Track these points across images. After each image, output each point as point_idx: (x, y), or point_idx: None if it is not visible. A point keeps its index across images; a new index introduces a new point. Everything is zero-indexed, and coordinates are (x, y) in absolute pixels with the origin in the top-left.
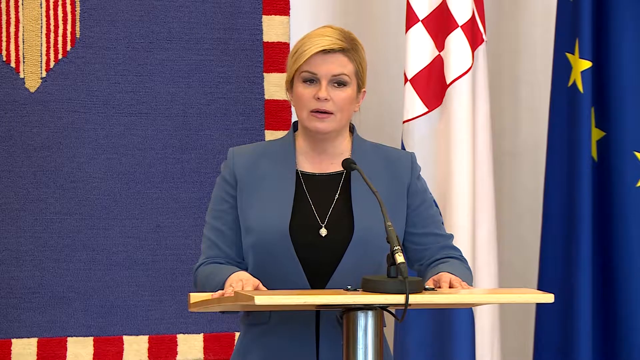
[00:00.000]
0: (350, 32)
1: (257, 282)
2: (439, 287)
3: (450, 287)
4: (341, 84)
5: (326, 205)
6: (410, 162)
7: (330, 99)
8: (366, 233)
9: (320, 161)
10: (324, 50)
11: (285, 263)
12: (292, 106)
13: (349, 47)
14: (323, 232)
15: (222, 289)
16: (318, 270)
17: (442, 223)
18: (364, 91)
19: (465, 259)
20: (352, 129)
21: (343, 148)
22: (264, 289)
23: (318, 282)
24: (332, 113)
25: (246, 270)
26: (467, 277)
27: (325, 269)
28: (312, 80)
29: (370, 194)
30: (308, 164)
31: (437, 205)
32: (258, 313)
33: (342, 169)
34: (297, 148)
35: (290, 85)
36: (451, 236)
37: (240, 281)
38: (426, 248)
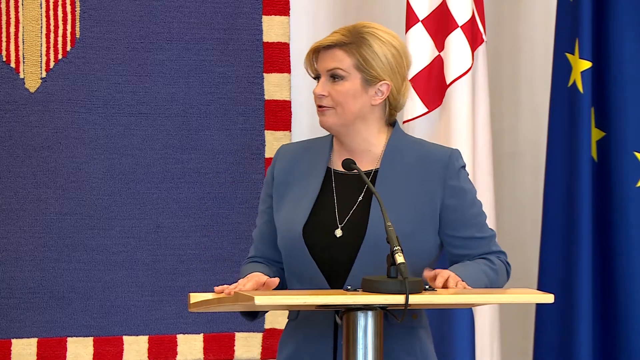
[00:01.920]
0: (366, 26)
1: (259, 279)
2: (435, 284)
3: (445, 286)
4: (337, 77)
5: (349, 206)
6: (446, 160)
7: (327, 94)
8: (380, 236)
9: (352, 159)
10: (321, 47)
11: (302, 263)
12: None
13: (349, 41)
14: (338, 232)
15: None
16: (335, 271)
17: (485, 220)
18: (386, 84)
19: (500, 263)
20: (394, 124)
21: (372, 144)
22: (269, 285)
23: (336, 281)
24: (331, 107)
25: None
26: (478, 278)
27: (341, 269)
28: (318, 77)
29: (396, 195)
30: (341, 163)
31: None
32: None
33: (373, 167)
34: (334, 146)
35: None
36: (493, 236)
37: (245, 279)
38: (467, 254)
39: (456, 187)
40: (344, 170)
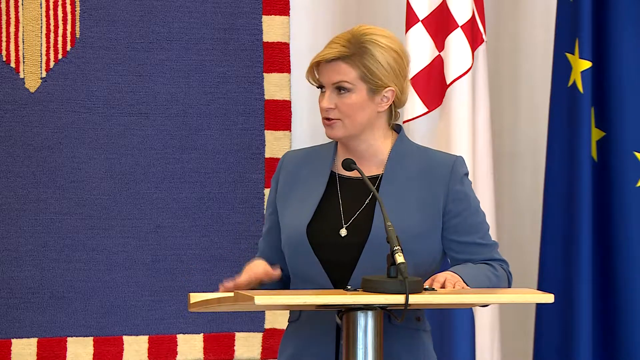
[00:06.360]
0: (365, 34)
1: (256, 270)
2: (433, 285)
3: (443, 286)
4: (343, 90)
5: (354, 208)
6: (450, 167)
7: (334, 107)
8: (384, 236)
9: (359, 164)
10: (323, 60)
11: (306, 263)
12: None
13: (352, 52)
14: (343, 232)
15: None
16: (339, 270)
17: (488, 230)
18: (391, 90)
19: (502, 270)
20: (399, 130)
21: (378, 150)
22: (269, 274)
23: (341, 281)
24: (338, 119)
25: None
26: (478, 278)
27: (346, 269)
28: (323, 87)
29: (402, 198)
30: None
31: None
32: (293, 311)
33: (379, 172)
34: (338, 151)
35: None
36: (495, 245)
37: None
38: (468, 259)
39: (460, 191)
40: (348, 174)
